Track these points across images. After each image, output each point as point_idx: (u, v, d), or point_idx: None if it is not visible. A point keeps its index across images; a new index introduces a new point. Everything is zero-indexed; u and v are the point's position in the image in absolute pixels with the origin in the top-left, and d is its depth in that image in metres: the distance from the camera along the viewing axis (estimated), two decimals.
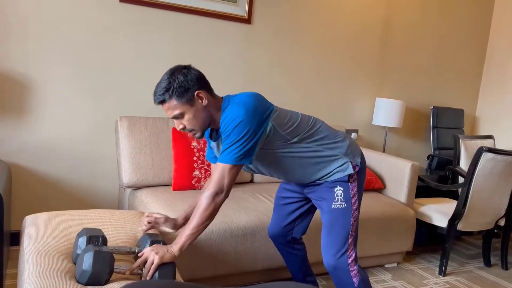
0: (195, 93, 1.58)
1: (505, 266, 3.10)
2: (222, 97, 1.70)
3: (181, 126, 1.62)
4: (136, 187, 2.56)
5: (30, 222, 1.75)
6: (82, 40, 2.64)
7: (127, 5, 2.72)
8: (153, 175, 2.57)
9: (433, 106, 4.01)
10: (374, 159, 3.15)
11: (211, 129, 1.76)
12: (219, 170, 1.58)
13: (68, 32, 2.60)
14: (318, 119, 1.82)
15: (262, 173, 1.84)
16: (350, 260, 1.79)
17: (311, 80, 3.46)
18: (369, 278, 2.70)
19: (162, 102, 1.58)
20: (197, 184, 2.57)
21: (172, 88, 1.55)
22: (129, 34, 2.76)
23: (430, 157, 3.98)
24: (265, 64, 3.24)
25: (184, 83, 1.56)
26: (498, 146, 3.74)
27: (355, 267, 1.79)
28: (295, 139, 1.70)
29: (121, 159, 2.55)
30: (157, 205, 2.28)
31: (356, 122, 3.74)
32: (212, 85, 1.71)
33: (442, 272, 2.88)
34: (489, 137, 3.49)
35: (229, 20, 3.03)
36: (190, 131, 1.64)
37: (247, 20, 3.10)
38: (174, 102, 1.56)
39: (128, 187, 2.57)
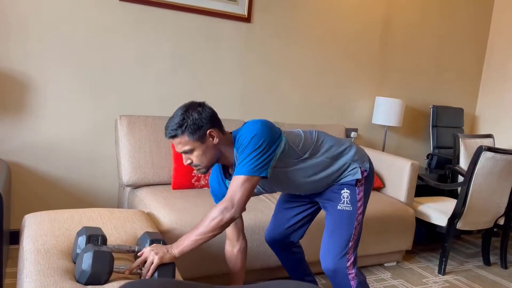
0: (208, 131, 1.59)
1: (504, 265, 3.10)
2: (231, 132, 1.70)
3: (188, 161, 1.63)
4: (136, 186, 2.57)
5: (29, 221, 1.75)
6: (82, 39, 2.64)
7: (126, 4, 2.72)
8: (153, 174, 2.57)
9: (433, 105, 4.01)
10: (373, 158, 3.15)
11: (224, 168, 1.77)
12: (233, 184, 1.58)
13: (68, 32, 2.60)
14: (320, 132, 1.83)
15: (274, 191, 1.85)
16: (348, 263, 1.78)
17: (311, 79, 3.46)
18: (369, 277, 2.70)
19: (173, 136, 1.59)
20: (196, 183, 2.57)
21: (185, 124, 1.56)
22: (129, 33, 2.76)
23: (429, 156, 3.98)
24: (265, 63, 3.24)
25: (198, 121, 1.57)
26: (497, 145, 3.75)
27: (353, 271, 1.79)
28: (306, 155, 1.72)
29: (121, 158, 2.56)
30: (157, 204, 2.28)
31: (355, 121, 3.74)
32: (212, 85, 1.71)
33: (442, 271, 2.88)
34: (489, 136, 3.49)
35: (229, 19, 3.03)
36: (196, 166, 1.64)
37: (247, 19, 3.10)
38: (185, 138, 1.57)
39: (128, 186, 2.57)
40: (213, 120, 1.61)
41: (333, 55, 3.52)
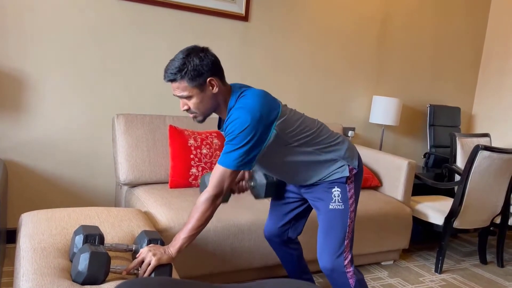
0: (208, 79, 1.55)
1: (500, 264, 3.11)
2: (231, 87, 1.66)
3: (185, 107, 1.60)
4: (133, 185, 2.56)
5: (26, 220, 1.75)
6: (79, 37, 2.63)
7: (124, 2, 2.71)
8: (150, 173, 2.56)
9: (430, 104, 4.02)
10: (371, 157, 3.16)
11: (220, 119, 1.75)
12: (219, 173, 1.57)
13: (65, 29, 2.59)
14: (321, 123, 1.80)
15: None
16: (346, 262, 1.78)
17: (308, 78, 3.46)
18: (366, 275, 2.71)
19: (172, 80, 1.54)
20: (194, 181, 2.56)
21: (185, 70, 1.51)
22: (126, 31, 2.75)
23: (426, 155, 3.99)
24: (262, 62, 3.24)
25: (199, 67, 1.52)
26: (494, 144, 3.75)
27: (351, 269, 1.79)
28: (296, 143, 1.69)
29: (118, 157, 2.55)
30: (154, 203, 2.28)
31: (353, 120, 3.74)
32: None
33: (438, 269, 2.89)
34: (485, 135, 3.50)
35: (226, 17, 3.03)
36: (193, 113, 1.61)
37: (244, 18, 3.09)
38: (184, 83, 1.53)
39: (125, 184, 2.56)
40: (215, 68, 1.57)
41: (330, 54, 3.52)
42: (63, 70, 2.62)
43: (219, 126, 1.76)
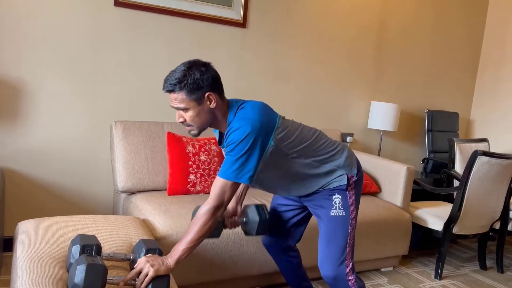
0: (206, 94, 1.55)
1: (500, 269, 3.10)
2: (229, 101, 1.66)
3: (181, 119, 1.60)
4: (131, 192, 2.55)
5: (23, 228, 1.74)
6: (77, 44, 2.63)
7: (121, 9, 2.71)
8: (148, 180, 2.55)
9: (428, 110, 4.02)
10: (369, 163, 3.16)
11: (220, 134, 1.74)
12: (220, 185, 1.57)
13: (62, 36, 2.59)
14: (319, 131, 1.80)
15: (259, 188, 1.82)
16: (348, 269, 1.77)
17: (306, 84, 3.46)
18: (366, 282, 2.69)
19: (170, 91, 1.55)
20: (192, 188, 2.55)
21: (185, 82, 1.52)
22: (124, 38, 2.75)
23: (425, 161, 3.99)
24: (260, 68, 3.24)
25: (199, 81, 1.53)
26: (492, 149, 3.76)
27: (352, 276, 1.78)
28: (294, 155, 1.68)
29: (116, 164, 2.54)
30: (152, 210, 2.26)
31: (351, 126, 3.74)
32: None
33: (438, 275, 2.88)
34: (484, 140, 3.50)
35: (224, 24, 3.03)
36: (188, 126, 1.62)
37: (242, 24, 3.10)
38: (182, 95, 1.53)
39: (123, 192, 2.55)
40: (215, 84, 1.57)
41: (328, 60, 3.52)
42: (60, 77, 2.62)
43: (219, 142, 1.75)
